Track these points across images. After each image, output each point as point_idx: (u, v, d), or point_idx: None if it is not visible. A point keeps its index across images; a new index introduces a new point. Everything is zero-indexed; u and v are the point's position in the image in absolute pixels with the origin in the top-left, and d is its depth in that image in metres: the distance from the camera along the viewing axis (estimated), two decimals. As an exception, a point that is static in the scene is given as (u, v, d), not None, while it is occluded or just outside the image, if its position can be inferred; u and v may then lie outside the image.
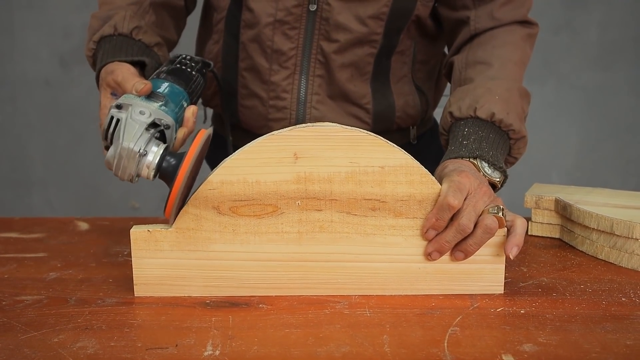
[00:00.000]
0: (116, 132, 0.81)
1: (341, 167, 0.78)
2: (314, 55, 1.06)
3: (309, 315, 0.76)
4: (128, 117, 0.81)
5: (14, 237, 1.06)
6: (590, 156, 3.02)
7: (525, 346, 0.68)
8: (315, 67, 1.07)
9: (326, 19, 1.03)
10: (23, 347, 0.68)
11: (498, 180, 0.90)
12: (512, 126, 0.93)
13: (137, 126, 0.80)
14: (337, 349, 0.67)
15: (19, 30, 2.89)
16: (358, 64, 1.07)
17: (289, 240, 0.80)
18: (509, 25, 1.04)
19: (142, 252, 0.80)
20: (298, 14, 1.04)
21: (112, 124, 0.82)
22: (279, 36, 1.05)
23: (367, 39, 1.05)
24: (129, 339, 0.70)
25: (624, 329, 0.73)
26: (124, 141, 0.79)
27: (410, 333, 0.71)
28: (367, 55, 1.07)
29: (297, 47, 1.06)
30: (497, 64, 1.00)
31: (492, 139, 0.92)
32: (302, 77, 1.07)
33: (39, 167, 3.00)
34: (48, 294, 0.83)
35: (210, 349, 0.68)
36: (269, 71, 1.08)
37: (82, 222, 1.14)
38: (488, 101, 0.93)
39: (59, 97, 2.94)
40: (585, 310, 0.78)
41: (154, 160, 0.80)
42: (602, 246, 0.95)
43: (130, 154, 0.79)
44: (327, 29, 1.04)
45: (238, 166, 0.78)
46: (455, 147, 0.91)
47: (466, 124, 0.94)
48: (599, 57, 2.95)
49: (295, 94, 1.08)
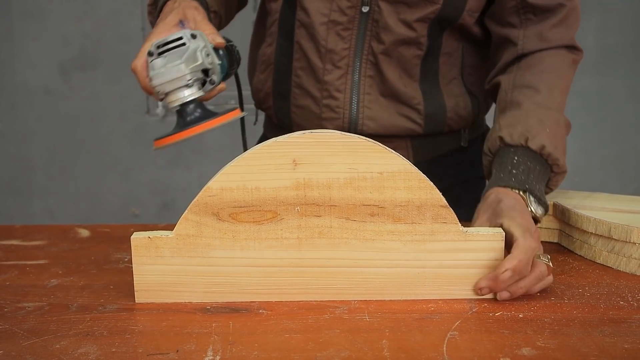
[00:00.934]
0: (176, 50, 0.87)
1: (340, 173, 0.78)
2: (365, 55, 1.07)
3: (309, 320, 0.77)
4: (197, 48, 0.87)
5: (15, 245, 1.07)
6: (589, 161, 3.03)
7: (523, 350, 0.69)
8: (366, 67, 1.08)
9: (376, 21, 1.05)
10: (25, 353, 0.68)
11: (540, 216, 0.92)
12: (558, 161, 0.95)
13: (199, 61, 0.87)
14: (336, 354, 0.68)
15: (18, 39, 2.90)
16: (405, 65, 1.08)
17: (288, 246, 0.80)
18: (556, 49, 1.05)
19: (142, 258, 0.80)
20: (351, 15, 1.06)
21: (176, 42, 0.87)
22: (332, 36, 1.07)
23: (413, 41, 1.06)
24: (130, 345, 0.70)
25: (622, 332, 0.73)
26: (182, 63, 0.86)
27: (410, 338, 0.72)
28: (413, 57, 1.08)
29: (350, 47, 1.07)
30: (544, 90, 1.01)
31: (537, 170, 0.94)
32: (355, 76, 1.09)
33: (39, 175, 3.00)
34: (49, 300, 0.83)
35: (211, 354, 0.68)
36: (323, 70, 1.10)
37: (83, 229, 1.15)
38: (540, 133, 0.95)
39: (59, 105, 2.94)
40: (584, 314, 0.78)
41: (188, 97, 0.87)
42: (600, 250, 0.96)
43: (180, 76, 0.85)
44: (377, 30, 1.06)
45: (237, 173, 0.78)
46: (504, 175, 0.93)
47: (516, 152, 0.95)
48: (597, 63, 2.96)
49: (348, 93, 1.09)
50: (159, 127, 2.95)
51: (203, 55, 0.88)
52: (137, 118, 2.96)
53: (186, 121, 0.87)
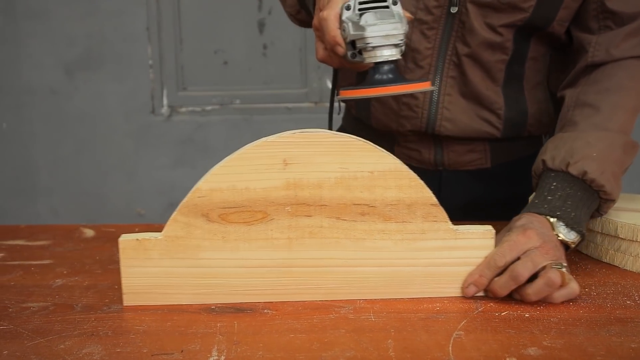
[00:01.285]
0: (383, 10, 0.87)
1: (331, 172, 0.78)
2: (449, 56, 1.06)
3: (314, 320, 0.76)
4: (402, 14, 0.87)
5: (20, 245, 1.07)
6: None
7: (529, 350, 0.68)
8: (449, 68, 1.07)
9: (463, 22, 1.03)
10: (30, 353, 0.68)
11: (572, 241, 0.87)
12: (605, 187, 0.90)
13: (407, 26, 0.87)
14: (342, 354, 0.68)
15: (23, 40, 2.90)
16: (489, 69, 1.06)
17: (278, 247, 0.80)
18: (629, 59, 0.98)
19: (131, 260, 0.80)
20: (438, 15, 1.04)
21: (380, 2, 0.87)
22: (417, 35, 1.06)
23: (499, 45, 1.04)
24: (134, 345, 0.70)
25: (628, 332, 0.73)
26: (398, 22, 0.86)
27: (415, 337, 0.71)
28: (498, 61, 1.06)
29: (434, 47, 1.06)
30: (606, 110, 0.95)
31: (579, 197, 0.90)
32: (437, 77, 1.07)
33: (44, 175, 3.01)
34: (54, 300, 0.83)
35: (216, 354, 0.68)
36: (404, 68, 1.09)
37: (88, 229, 1.15)
38: (583, 157, 0.90)
39: (63, 105, 2.95)
40: (590, 314, 0.78)
41: (390, 57, 0.87)
42: (607, 249, 0.95)
43: (396, 34, 0.85)
44: (463, 32, 1.04)
45: (227, 173, 0.78)
46: (539, 201, 0.90)
47: (555, 178, 0.92)
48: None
49: (429, 93, 1.08)
50: (164, 126, 2.95)
51: (406, 21, 0.88)
52: (142, 118, 2.96)
53: (377, 80, 0.87)
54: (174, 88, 2.95)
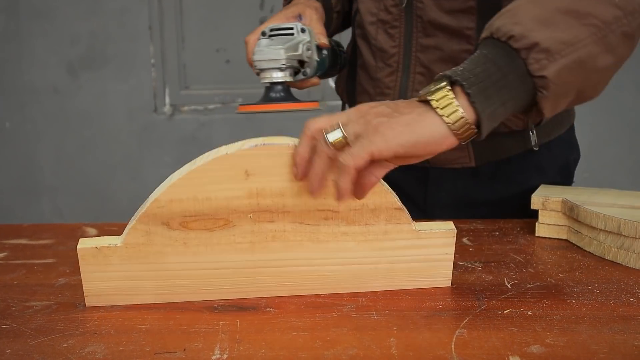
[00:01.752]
0: (283, 37, 1.01)
1: (294, 182, 0.77)
2: (414, 52, 1.08)
3: (316, 318, 0.76)
4: (302, 41, 1.01)
5: (23, 244, 1.07)
6: (598, 157, 3.01)
7: (532, 347, 0.68)
8: (416, 64, 1.09)
9: (420, 17, 1.06)
10: (33, 352, 0.68)
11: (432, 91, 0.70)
12: (512, 32, 0.71)
13: (299, 52, 1.00)
14: (344, 352, 0.68)
15: (26, 39, 2.91)
16: (456, 61, 1.06)
17: (241, 250, 0.79)
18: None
19: (91, 266, 0.79)
20: (397, 13, 1.07)
21: (286, 30, 1.01)
22: (381, 35, 1.10)
23: (461, 34, 1.05)
24: (137, 343, 0.70)
25: (632, 329, 0.72)
26: (282, 49, 0.98)
27: (417, 335, 0.71)
28: (463, 51, 1.06)
29: (399, 45, 1.09)
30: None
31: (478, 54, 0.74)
32: (404, 74, 1.10)
33: (47, 175, 3.01)
34: (57, 299, 0.83)
35: (218, 352, 0.68)
36: (375, 68, 1.13)
37: (91, 228, 1.15)
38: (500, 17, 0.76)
39: (67, 104, 2.95)
40: (593, 312, 0.77)
41: (278, 79, 0.99)
42: (610, 247, 0.95)
43: (277, 59, 0.97)
44: (423, 26, 1.06)
45: (187, 185, 0.77)
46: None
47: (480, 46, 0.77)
48: (606, 58, 2.94)
49: (398, 90, 1.11)
50: (167, 125, 2.95)
51: (304, 48, 1.00)
52: (145, 117, 2.97)
53: (270, 97, 0.99)
54: (177, 87, 2.95)
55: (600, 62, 0.75)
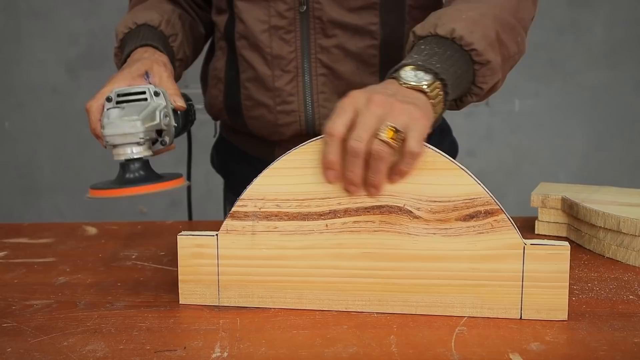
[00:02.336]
0: (136, 104, 0.85)
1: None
2: (314, 54, 1.06)
3: (316, 316, 0.76)
4: (157, 108, 0.84)
5: (23, 243, 1.07)
6: (598, 155, 3.02)
7: (532, 345, 0.68)
8: (317, 66, 1.06)
9: (319, 17, 1.03)
10: (33, 351, 0.68)
11: (427, 83, 0.76)
12: (474, 45, 0.83)
13: (156, 121, 0.85)
14: (344, 350, 0.68)
15: (25, 38, 2.91)
16: (361, 57, 1.06)
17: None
18: None
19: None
20: (292, 17, 1.04)
21: (138, 95, 0.85)
22: (276, 41, 1.05)
23: (364, 30, 1.04)
24: (137, 342, 0.70)
25: (631, 326, 0.73)
26: (139, 120, 0.83)
27: (417, 333, 0.71)
28: (368, 47, 1.05)
29: (296, 49, 1.05)
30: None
31: (448, 55, 0.81)
32: (305, 78, 1.07)
33: (47, 174, 3.02)
34: (57, 298, 0.83)
35: (219, 351, 0.68)
36: (272, 78, 1.08)
37: (90, 227, 1.15)
38: (452, 20, 0.84)
39: (66, 103, 2.96)
40: (593, 309, 0.78)
41: (136, 155, 0.84)
42: (609, 244, 0.95)
43: (134, 132, 0.83)
44: (322, 26, 1.04)
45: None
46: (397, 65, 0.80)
47: (424, 42, 0.84)
48: (605, 56, 2.95)
49: (302, 96, 1.07)
50: (166, 124, 2.95)
51: (161, 115, 0.86)
52: (144, 116, 2.97)
53: (127, 179, 0.84)
54: (176, 86, 2.96)
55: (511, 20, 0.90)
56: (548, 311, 0.74)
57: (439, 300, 0.76)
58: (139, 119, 0.83)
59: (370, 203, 0.76)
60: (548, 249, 0.73)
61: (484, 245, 0.74)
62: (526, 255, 0.74)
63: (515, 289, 0.74)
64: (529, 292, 0.74)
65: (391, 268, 0.76)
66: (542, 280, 0.74)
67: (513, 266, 0.74)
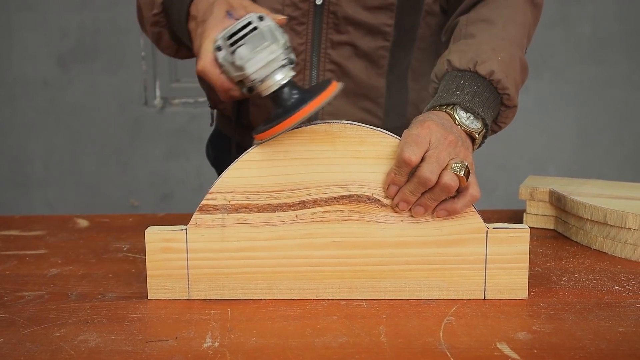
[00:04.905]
0: (253, 35, 0.78)
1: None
2: (324, 49, 1.05)
3: (307, 307, 0.77)
4: (271, 28, 0.79)
5: (14, 235, 1.07)
6: (587, 149, 3.03)
7: (519, 334, 0.69)
8: (325, 61, 1.06)
9: (334, 12, 1.03)
10: (25, 341, 0.69)
11: (476, 130, 0.84)
12: (508, 90, 0.88)
13: (281, 39, 0.78)
14: (334, 339, 0.69)
15: (16, 31, 2.90)
16: (371, 57, 1.06)
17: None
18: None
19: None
20: (305, 9, 1.03)
21: (247, 27, 0.78)
22: (287, 32, 1.03)
23: (377, 30, 1.04)
24: (129, 332, 0.71)
25: (616, 316, 0.74)
26: (272, 43, 0.77)
27: (406, 323, 0.72)
28: (379, 47, 1.05)
29: (306, 42, 1.05)
30: (500, 22, 0.95)
31: (485, 97, 0.87)
32: (313, 72, 1.06)
33: (38, 167, 3.01)
34: (49, 289, 0.84)
35: (210, 340, 0.69)
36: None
37: (82, 220, 1.15)
38: (491, 59, 0.89)
39: (57, 97, 2.95)
40: (579, 299, 0.79)
41: (284, 80, 0.78)
42: (596, 236, 0.96)
43: (275, 57, 0.77)
44: (336, 22, 1.03)
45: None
46: (447, 95, 0.86)
47: (464, 76, 0.88)
48: (594, 51, 2.96)
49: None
50: (158, 118, 2.95)
51: (280, 33, 0.79)
52: (136, 109, 2.96)
53: (287, 106, 0.78)
54: (167, 80, 2.95)
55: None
56: (510, 291, 0.79)
57: (406, 285, 0.79)
58: (271, 42, 0.78)
59: (339, 193, 0.78)
60: (509, 232, 0.78)
61: (449, 230, 0.78)
62: (489, 239, 0.78)
63: (479, 271, 0.79)
64: (492, 273, 0.79)
65: (360, 256, 0.79)
66: (504, 262, 0.79)
67: (477, 249, 0.79)
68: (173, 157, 2.96)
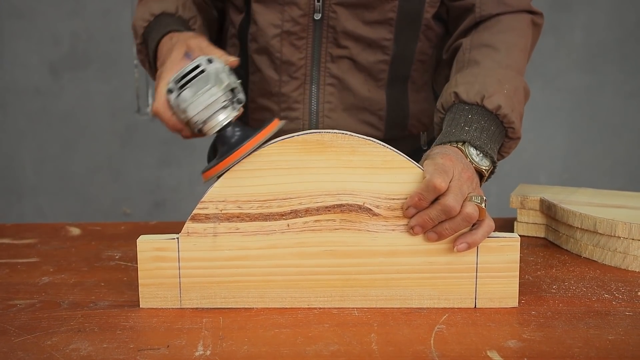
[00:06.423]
0: (199, 78, 0.83)
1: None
2: (324, 63, 1.05)
3: (298, 315, 0.77)
4: (218, 70, 0.83)
5: (6, 243, 1.07)
6: (577, 158, 3.05)
7: (509, 342, 0.70)
8: (325, 75, 1.06)
9: (333, 27, 1.03)
10: (17, 350, 0.69)
11: (486, 168, 0.88)
12: (514, 124, 0.92)
13: (226, 81, 0.83)
14: (325, 348, 0.69)
15: (8, 39, 2.89)
16: (371, 71, 1.06)
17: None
18: (516, 13, 1.02)
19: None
20: (305, 24, 1.03)
21: (195, 70, 0.83)
22: (287, 47, 1.05)
23: (377, 44, 1.04)
24: (121, 340, 0.71)
25: (606, 324, 0.74)
26: (213, 86, 0.82)
27: (397, 331, 0.73)
28: (379, 61, 1.06)
29: (306, 56, 1.05)
30: (503, 48, 0.98)
31: (492, 131, 0.90)
32: (313, 86, 1.07)
33: (30, 175, 3.00)
34: (41, 298, 0.84)
35: (201, 349, 0.69)
36: (279, 83, 1.07)
37: (74, 228, 1.15)
38: (497, 93, 0.91)
39: (49, 104, 2.94)
40: (569, 307, 0.79)
41: (226, 120, 0.82)
42: (586, 244, 0.97)
43: (215, 99, 0.82)
44: (335, 36, 1.04)
45: None
46: (456, 130, 0.89)
47: (470, 111, 0.91)
48: (584, 59, 2.98)
49: (307, 104, 1.07)
50: (150, 126, 2.95)
51: (226, 75, 0.84)
52: (128, 117, 2.96)
53: (231, 144, 0.81)
54: (160, 87, 2.95)
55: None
56: (500, 299, 0.80)
57: (397, 294, 0.80)
58: (212, 85, 0.82)
59: (330, 202, 0.78)
60: (500, 241, 0.79)
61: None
62: (480, 248, 0.79)
63: (469, 280, 0.79)
64: (483, 282, 0.79)
65: (352, 264, 0.79)
66: (495, 271, 0.79)
67: (468, 258, 0.79)
68: (165, 164, 2.96)
